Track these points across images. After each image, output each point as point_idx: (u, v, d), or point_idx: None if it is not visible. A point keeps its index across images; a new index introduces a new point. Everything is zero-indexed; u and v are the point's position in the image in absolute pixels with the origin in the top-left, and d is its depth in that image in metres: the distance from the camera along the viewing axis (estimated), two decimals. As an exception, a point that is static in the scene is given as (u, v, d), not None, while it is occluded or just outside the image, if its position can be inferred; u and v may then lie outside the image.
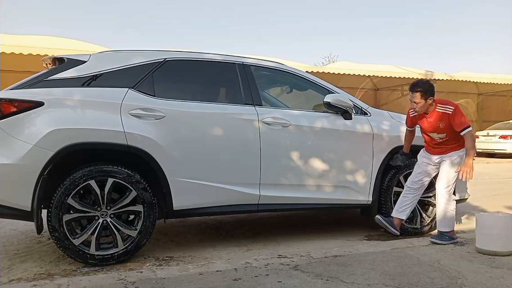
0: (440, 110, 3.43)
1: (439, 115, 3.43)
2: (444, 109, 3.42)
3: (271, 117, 3.56)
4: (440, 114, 3.43)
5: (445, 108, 3.41)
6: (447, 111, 3.40)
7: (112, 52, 3.67)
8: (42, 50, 9.16)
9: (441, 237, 3.45)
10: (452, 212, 3.50)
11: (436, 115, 3.45)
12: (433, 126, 3.49)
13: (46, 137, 2.94)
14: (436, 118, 3.45)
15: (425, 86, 3.41)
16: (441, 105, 3.44)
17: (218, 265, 2.91)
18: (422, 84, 3.43)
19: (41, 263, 3.20)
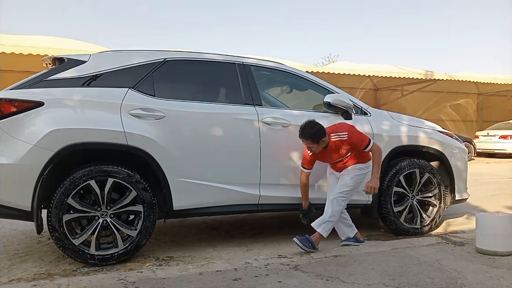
0: (336, 139, 3.29)
1: (337, 144, 3.30)
2: (338, 137, 3.28)
3: (271, 117, 3.56)
4: (337, 143, 3.30)
5: (339, 135, 3.28)
6: (342, 138, 3.27)
7: (112, 52, 3.67)
8: (42, 50, 9.16)
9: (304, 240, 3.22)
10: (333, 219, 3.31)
11: (335, 145, 3.31)
12: (336, 155, 3.38)
13: (46, 137, 2.94)
14: (335, 147, 3.32)
15: (312, 132, 3.22)
16: (334, 134, 3.29)
17: (218, 265, 2.91)
18: (308, 131, 3.22)
19: (41, 263, 3.20)
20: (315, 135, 3.23)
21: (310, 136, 3.23)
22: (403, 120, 4.12)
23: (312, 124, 3.25)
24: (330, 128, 3.36)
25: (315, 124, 3.25)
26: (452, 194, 4.24)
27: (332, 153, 3.37)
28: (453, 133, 4.58)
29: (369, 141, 3.32)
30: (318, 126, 3.25)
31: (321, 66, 19.57)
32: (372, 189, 3.33)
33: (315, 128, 3.23)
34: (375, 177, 3.35)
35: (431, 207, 4.09)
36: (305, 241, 3.22)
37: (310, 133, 3.23)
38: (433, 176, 4.04)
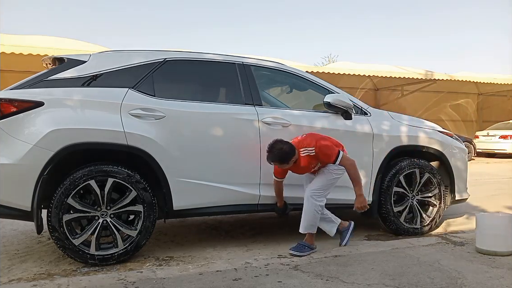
0: (305, 154, 3.18)
1: (306, 159, 3.20)
2: (307, 152, 3.17)
3: (271, 117, 3.56)
4: (306, 158, 3.19)
5: (307, 151, 3.16)
6: (310, 153, 3.16)
7: (112, 52, 3.67)
8: (42, 50, 9.16)
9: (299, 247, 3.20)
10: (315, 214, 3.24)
11: (304, 160, 3.20)
12: (306, 169, 3.30)
13: (46, 137, 2.94)
14: (305, 162, 3.21)
15: (280, 155, 3.09)
16: (303, 149, 3.17)
17: (218, 265, 2.91)
18: (276, 153, 3.09)
19: (41, 263, 3.20)
20: (283, 158, 3.11)
21: (278, 159, 3.11)
22: (403, 120, 4.12)
23: (280, 146, 3.10)
24: (299, 143, 3.22)
25: (283, 146, 3.10)
26: (452, 194, 4.24)
27: (303, 167, 3.27)
28: (453, 133, 4.58)
29: (337, 156, 3.16)
30: (286, 148, 3.10)
31: (321, 66, 19.56)
32: (361, 209, 3.24)
33: (283, 151, 3.09)
34: (359, 194, 3.20)
35: (431, 207, 4.09)
36: (300, 248, 3.19)
37: (278, 156, 3.10)
38: (433, 176, 4.04)
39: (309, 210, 3.23)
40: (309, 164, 3.25)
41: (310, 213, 3.23)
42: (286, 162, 3.14)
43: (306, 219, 3.25)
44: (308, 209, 3.24)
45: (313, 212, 3.23)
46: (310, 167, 3.28)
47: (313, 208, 3.22)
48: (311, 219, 3.24)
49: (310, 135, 3.31)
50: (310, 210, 3.23)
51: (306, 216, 3.25)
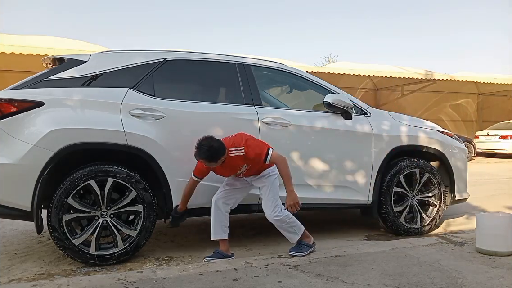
0: (234, 154, 2.99)
1: (234, 159, 3.01)
2: (237, 152, 2.98)
3: (271, 117, 3.56)
4: (235, 158, 3.00)
5: (237, 151, 2.98)
6: (240, 153, 2.98)
7: (112, 52, 3.68)
8: (42, 50, 9.16)
9: (298, 247, 3.15)
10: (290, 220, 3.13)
11: (232, 160, 3.02)
12: (232, 171, 3.12)
13: (46, 137, 2.94)
14: (233, 163, 3.04)
15: (209, 153, 2.90)
16: (233, 149, 2.99)
17: (218, 265, 2.91)
18: (205, 151, 2.90)
19: (41, 263, 3.20)
20: (213, 156, 2.92)
21: (207, 157, 2.92)
22: (403, 120, 4.12)
23: (210, 143, 2.91)
24: (229, 141, 3.04)
25: (213, 143, 2.92)
26: (452, 194, 4.24)
27: (230, 168, 3.09)
28: (453, 133, 4.58)
29: (267, 153, 2.99)
30: (216, 146, 2.92)
31: (321, 66, 19.57)
32: (293, 206, 3.01)
33: (213, 148, 2.90)
34: (290, 191, 3.01)
35: (431, 207, 4.09)
36: (299, 248, 3.13)
37: (207, 153, 2.90)
38: (433, 176, 4.05)
39: (285, 226, 3.14)
40: (237, 165, 3.06)
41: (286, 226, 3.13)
42: (214, 161, 2.94)
43: (290, 231, 3.16)
44: (283, 226, 3.14)
45: (287, 224, 3.13)
46: (237, 168, 3.08)
47: (285, 223, 3.12)
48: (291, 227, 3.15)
49: (239, 134, 3.11)
50: (285, 226, 3.13)
51: (288, 229, 3.15)
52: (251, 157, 2.99)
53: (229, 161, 3.03)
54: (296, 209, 3.03)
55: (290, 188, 3.02)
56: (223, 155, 2.96)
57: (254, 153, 2.98)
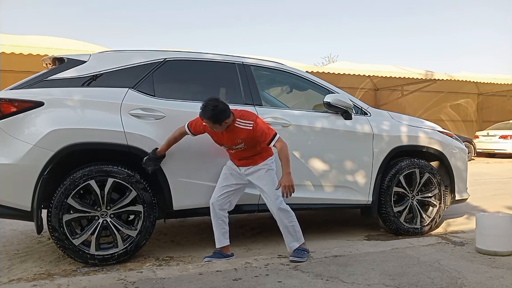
0: (239, 125, 2.97)
1: (237, 131, 2.99)
2: (243, 125, 2.96)
3: (271, 117, 3.56)
4: (239, 129, 2.98)
5: (245, 124, 2.96)
6: (246, 127, 2.96)
7: (112, 52, 3.68)
8: (42, 50, 9.16)
9: (298, 253, 3.06)
10: (295, 223, 3.12)
11: (235, 130, 2.99)
12: (230, 141, 3.06)
13: (46, 137, 2.94)
14: (235, 133, 3.00)
15: (213, 113, 2.85)
16: (240, 120, 2.97)
17: (218, 265, 2.91)
18: (210, 111, 2.85)
19: (41, 263, 3.20)
20: (218, 117, 2.87)
21: (212, 116, 2.86)
22: (403, 120, 4.12)
23: (215, 103, 2.86)
24: (238, 112, 3.02)
25: (218, 104, 2.87)
26: (452, 194, 4.24)
27: (227, 137, 3.04)
28: (453, 133, 4.58)
29: (274, 136, 2.99)
30: (221, 107, 2.87)
31: (321, 66, 19.57)
32: (287, 188, 2.93)
33: (217, 109, 2.85)
34: (286, 172, 2.95)
35: (431, 207, 4.09)
36: (299, 253, 3.05)
37: (212, 112, 2.85)
38: (433, 176, 4.05)
39: (288, 224, 3.09)
40: (238, 137, 3.01)
41: (290, 226, 3.09)
42: (219, 122, 2.89)
43: (292, 236, 3.10)
44: (287, 224, 3.09)
45: (292, 223, 3.10)
46: (236, 141, 3.03)
47: (289, 219, 3.09)
48: (295, 232, 3.11)
49: (249, 111, 3.11)
50: (289, 224, 3.09)
51: (290, 232, 3.10)
52: (258, 134, 2.97)
53: (231, 130, 3.00)
54: (290, 192, 2.95)
55: (287, 171, 2.97)
56: (228, 118, 2.92)
57: (261, 131, 2.97)
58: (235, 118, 2.99)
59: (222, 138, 3.09)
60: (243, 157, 3.14)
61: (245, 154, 3.12)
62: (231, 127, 3.00)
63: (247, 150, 3.09)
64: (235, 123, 2.99)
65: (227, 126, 2.97)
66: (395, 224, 3.90)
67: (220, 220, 3.20)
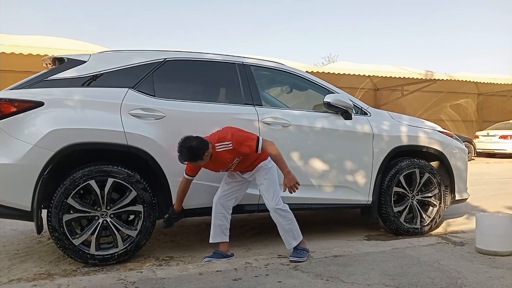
0: (221, 149, 2.94)
1: (222, 154, 2.96)
2: (223, 147, 2.93)
3: (271, 117, 3.56)
4: (223, 153, 2.95)
5: (223, 145, 2.93)
6: (227, 147, 2.93)
7: (112, 52, 3.68)
8: (42, 50, 9.16)
9: (298, 253, 3.05)
10: (292, 221, 3.09)
11: (220, 155, 2.97)
12: (222, 165, 3.07)
13: (46, 137, 2.94)
14: (221, 157, 2.99)
15: (190, 153, 2.86)
16: (218, 144, 2.94)
17: (218, 265, 2.91)
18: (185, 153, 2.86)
19: (41, 263, 3.20)
20: (195, 155, 2.87)
21: (189, 157, 2.88)
22: (403, 120, 4.12)
23: (189, 144, 2.85)
24: (214, 137, 3.00)
25: (191, 142, 2.86)
26: (452, 194, 4.24)
27: (219, 164, 3.04)
28: (453, 133, 4.58)
29: (257, 143, 2.94)
30: (195, 144, 2.85)
31: (321, 66, 19.58)
32: (292, 187, 2.96)
33: (193, 148, 2.84)
34: (286, 172, 2.97)
35: (431, 207, 4.09)
36: (298, 253, 3.05)
37: (188, 154, 2.86)
38: (433, 176, 4.05)
39: (285, 224, 3.07)
40: (226, 160, 3.01)
41: (287, 226, 3.07)
42: (199, 159, 2.90)
43: (289, 235, 3.08)
44: (284, 224, 3.07)
45: (289, 223, 3.08)
46: (226, 163, 3.03)
47: (285, 219, 3.07)
48: (293, 231, 3.09)
49: (225, 129, 3.07)
50: (285, 224, 3.07)
51: (288, 231, 3.08)
52: (242, 150, 2.94)
53: (216, 156, 2.97)
54: (296, 188, 2.97)
55: (286, 170, 2.97)
56: (206, 150, 2.89)
57: (243, 145, 2.93)
58: (213, 145, 2.94)
59: (214, 165, 3.08)
60: (243, 167, 3.13)
61: (243, 164, 3.10)
62: (215, 154, 2.96)
63: (244, 161, 3.07)
64: (216, 149, 2.95)
65: (210, 156, 2.95)
66: (395, 224, 3.90)
67: (221, 214, 3.18)
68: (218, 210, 3.19)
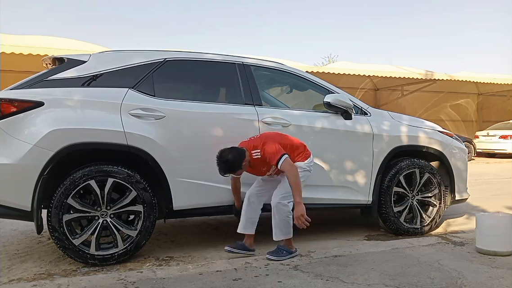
0: (256, 156, 3.08)
1: (257, 161, 3.11)
2: (256, 155, 3.07)
3: (271, 117, 3.56)
4: (257, 160, 3.09)
5: (257, 153, 3.07)
6: (258, 155, 3.07)
7: (112, 52, 3.68)
8: (42, 50, 9.16)
9: (277, 252, 3.09)
10: (289, 219, 3.10)
11: (256, 162, 3.11)
12: (259, 171, 3.21)
13: (46, 137, 2.94)
14: (257, 164, 3.13)
15: (227, 166, 3.01)
16: (254, 152, 3.08)
17: (218, 265, 2.91)
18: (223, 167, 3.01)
19: (41, 263, 3.20)
20: (232, 167, 3.02)
21: (227, 170, 3.03)
22: (403, 120, 4.12)
23: (225, 158, 2.98)
24: (250, 144, 3.12)
25: (227, 156, 2.98)
26: (452, 194, 4.24)
27: (257, 169, 3.17)
28: (453, 133, 4.58)
29: (279, 159, 2.98)
30: (230, 157, 2.98)
31: (321, 66, 19.57)
32: (299, 219, 2.94)
33: (229, 162, 2.98)
34: (297, 202, 2.95)
35: (431, 207, 4.09)
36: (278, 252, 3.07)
37: (226, 168, 3.01)
38: (433, 176, 4.05)
39: (280, 217, 3.09)
40: (260, 166, 3.15)
41: (282, 220, 3.09)
42: (238, 169, 3.04)
43: (279, 227, 3.11)
44: (279, 217, 3.09)
45: (285, 218, 3.09)
46: (261, 169, 3.17)
47: (284, 214, 3.09)
48: (284, 225, 3.10)
49: (261, 136, 3.20)
50: (281, 217, 3.09)
51: (279, 223, 3.10)
52: (267, 158, 3.04)
53: (254, 162, 3.12)
54: (304, 224, 2.95)
55: (297, 200, 2.97)
56: (243, 160, 3.03)
57: (269, 155, 3.03)
58: (250, 152, 3.08)
59: (256, 171, 3.22)
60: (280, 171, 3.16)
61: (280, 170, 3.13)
62: (253, 161, 3.10)
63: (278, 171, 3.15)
64: (253, 156, 3.09)
65: (249, 163, 3.10)
66: (395, 224, 3.90)
67: (253, 208, 3.25)
68: (249, 203, 3.25)
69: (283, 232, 3.12)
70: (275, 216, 3.12)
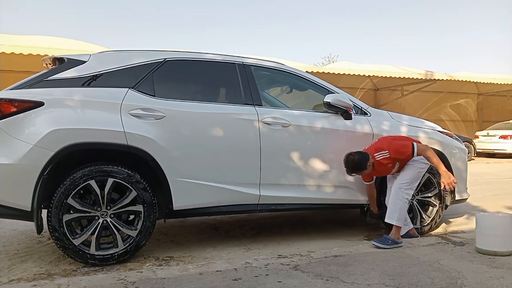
0: (380, 158, 3.43)
1: (383, 161, 3.44)
2: (382, 156, 3.42)
3: (271, 117, 3.56)
4: (383, 160, 3.44)
5: (382, 154, 3.42)
6: (385, 156, 3.41)
7: (112, 52, 3.67)
8: (42, 50, 9.16)
9: (383, 239, 3.35)
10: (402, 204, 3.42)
11: (382, 162, 3.46)
12: (386, 171, 3.58)
13: (46, 137, 2.93)
14: (383, 164, 3.46)
15: (353, 166, 3.42)
16: (378, 154, 3.44)
17: (218, 265, 2.91)
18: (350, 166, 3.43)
19: (41, 263, 3.20)
20: (358, 167, 3.40)
21: (353, 169, 3.42)
22: (403, 120, 4.12)
23: (351, 158, 3.39)
24: (372, 148, 3.50)
25: (353, 157, 3.38)
26: (452, 194, 4.23)
27: (382, 170, 3.52)
28: (453, 133, 4.57)
29: (413, 148, 3.37)
30: (356, 158, 3.37)
31: (321, 66, 19.58)
32: (449, 184, 3.28)
33: (355, 161, 3.37)
34: (443, 171, 3.32)
35: (431, 207, 4.08)
36: (384, 240, 3.31)
37: (352, 167, 3.41)
38: (433, 176, 4.04)
39: (398, 202, 3.39)
40: (387, 166, 3.47)
41: (398, 205, 3.39)
42: (363, 169, 3.40)
43: (397, 211, 3.38)
44: (397, 202, 3.40)
45: (403, 204, 3.40)
46: (388, 168, 3.50)
47: (402, 200, 3.39)
48: (400, 211, 3.38)
49: (380, 139, 3.59)
50: (399, 202, 3.39)
51: (395, 208, 3.39)
52: (398, 156, 3.40)
53: (378, 164, 3.44)
54: (453, 186, 3.30)
55: (443, 169, 3.33)
56: (367, 162, 3.38)
57: (400, 153, 3.39)
58: (373, 156, 3.42)
59: (379, 172, 3.58)
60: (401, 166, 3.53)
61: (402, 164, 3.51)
62: (376, 162, 3.44)
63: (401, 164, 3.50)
64: (376, 158, 3.42)
65: (373, 165, 3.43)
66: (395, 224, 3.89)
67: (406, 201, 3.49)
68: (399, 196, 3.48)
69: (395, 218, 3.38)
70: (393, 200, 3.43)
